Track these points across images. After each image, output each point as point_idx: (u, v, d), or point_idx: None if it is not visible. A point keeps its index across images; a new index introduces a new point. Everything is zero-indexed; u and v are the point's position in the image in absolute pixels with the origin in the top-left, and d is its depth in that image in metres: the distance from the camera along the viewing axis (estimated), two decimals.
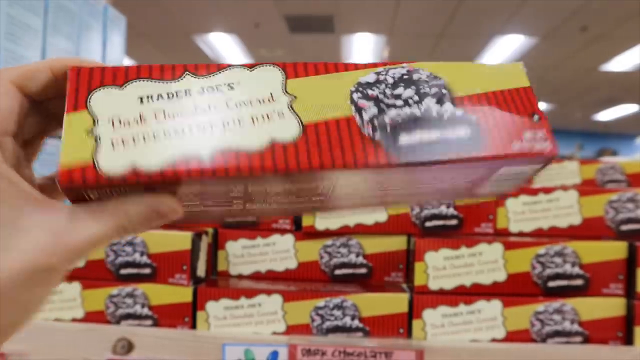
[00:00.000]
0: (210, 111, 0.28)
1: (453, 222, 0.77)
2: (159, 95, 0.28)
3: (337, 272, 0.77)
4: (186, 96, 0.29)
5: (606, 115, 7.49)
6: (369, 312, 0.70)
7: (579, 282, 0.70)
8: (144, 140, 0.27)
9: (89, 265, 0.72)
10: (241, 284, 0.73)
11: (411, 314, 0.70)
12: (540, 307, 0.69)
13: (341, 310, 0.70)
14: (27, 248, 0.25)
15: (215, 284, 0.73)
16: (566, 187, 0.78)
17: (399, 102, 0.30)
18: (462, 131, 0.30)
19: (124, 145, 0.27)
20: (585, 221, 0.77)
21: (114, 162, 0.26)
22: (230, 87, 0.29)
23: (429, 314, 0.70)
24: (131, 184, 0.27)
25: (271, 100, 0.29)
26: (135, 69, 0.29)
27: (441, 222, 0.76)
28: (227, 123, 0.28)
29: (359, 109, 0.29)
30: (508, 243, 0.71)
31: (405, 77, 0.30)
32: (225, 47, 4.83)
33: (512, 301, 0.70)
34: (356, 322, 0.70)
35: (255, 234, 0.78)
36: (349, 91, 0.29)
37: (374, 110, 0.29)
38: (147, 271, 0.71)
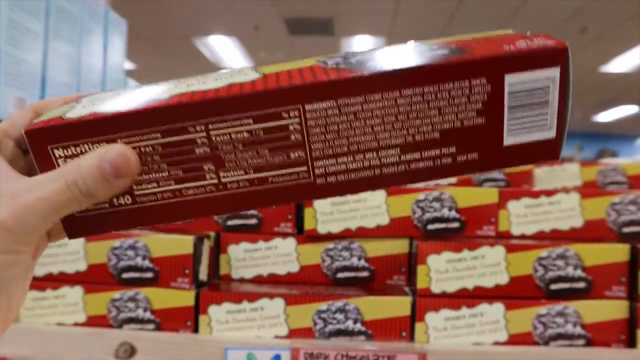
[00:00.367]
0: (169, 87, 0.31)
1: (455, 225, 0.76)
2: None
3: (339, 276, 0.77)
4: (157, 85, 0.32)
5: (606, 116, 7.49)
6: (372, 316, 0.70)
7: (582, 285, 0.70)
8: (108, 99, 0.30)
9: (91, 269, 0.72)
10: (243, 288, 0.73)
11: (414, 317, 0.70)
12: (542, 310, 0.69)
13: (343, 313, 0.70)
14: None
15: (217, 288, 0.73)
16: (568, 190, 0.78)
17: (370, 56, 0.30)
18: (442, 51, 0.28)
19: (89, 106, 0.30)
20: (587, 224, 0.77)
21: (77, 113, 0.29)
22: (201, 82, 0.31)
23: (432, 317, 0.69)
24: (91, 133, 0.28)
25: (242, 71, 0.31)
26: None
27: (443, 225, 0.76)
28: (189, 84, 0.30)
29: (324, 61, 0.30)
30: (510, 246, 0.71)
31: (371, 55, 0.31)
32: (225, 50, 4.84)
33: (515, 304, 0.70)
34: (358, 326, 0.70)
35: (257, 238, 0.78)
36: (314, 61, 0.30)
37: (338, 59, 0.30)
38: (149, 275, 0.71)
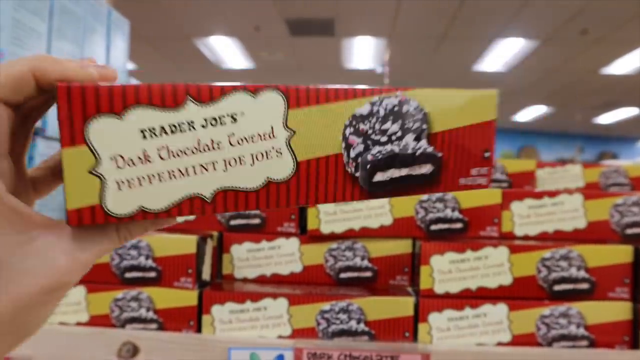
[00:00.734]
0: (213, 148, 0.29)
1: (458, 226, 0.76)
2: (162, 128, 0.28)
3: (342, 276, 0.77)
4: (189, 130, 0.28)
5: (607, 118, 7.49)
6: (375, 316, 0.70)
7: (585, 286, 0.70)
8: (150, 182, 0.28)
9: (94, 268, 0.72)
10: (246, 288, 0.73)
11: (417, 318, 0.70)
12: (546, 311, 0.69)
13: (347, 313, 0.70)
14: (43, 269, 0.26)
15: (220, 288, 0.73)
16: (571, 191, 0.78)
17: (384, 139, 0.33)
18: (426, 168, 0.34)
19: (130, 186, 0.28)
20: (590, 225, 0.77)
21: (122, 204, 0.28)
22: (233, 119, 0.29)
23: (435, 318, 0.69)
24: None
25: (272, 135, 0.30)
26: (132, 92, 0.27)
27: (446, 226, 0.76)
28: (229, 163, 0.29)
29: (348, 146, 0.32)
30: (514, 247, 0.71)
31: (395, 110, 0.33)
32: (226, 51, 4.84)
33: (518, 305, 0.70)
34: (362, 326, 0.70)
35: (260, 238, 0.78)
36: (344, 125, 0.32)
37: (360, 147, 0.32)
38: (152, 275, 0.71)
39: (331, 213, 0.76)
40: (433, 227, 0.76)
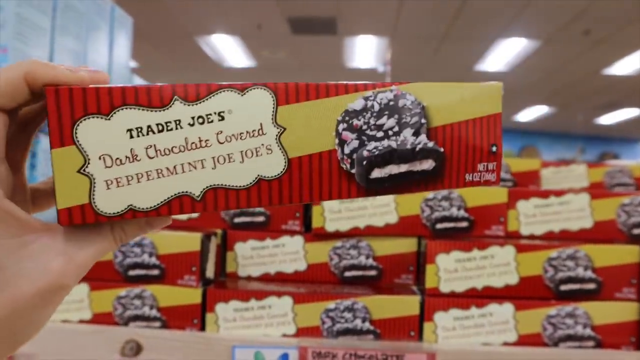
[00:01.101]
0: (201, 146, 0.29)
1: (464, 225, 0.76)
2: (149, 127, 0.28)
3: (347, 274, 0.77)
4: (177, 129, 0.28)
5: (608, 119, 7.48)
6: (380, 315, 0.69)
7: (592, 286, 0.70)
8: (138, 180, 0.28)
9: (97, 266, 0.71)
10: (250, 286, 0.73)
11: (422, 317, 0.70)
12: (552, 311, 0.69)
13: (352, 312, 0.69)
14: (39, 271, 0.26)
15: (224, 286, 0.72)
16: (577, 190, 0.77)
17: (380, 134, 0.32)
18: (427, 164, 0.33)
19: (119, 185, 0.28)
20: (596, 224, 0.77)
21: (111, 203, 0.28)
22: (220, 117, 0.29)
23: (441, 317, 0.69)
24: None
25: (261, 132, 0.30)
26: (119, 93, 0.28)
27: (452, 225, 0.76)
28: (218, 160, 0.29)
29: (342, 142, 0.31)
30: (520, 246, 0.70)
31: (391, 104, 0.32)
32: (227, 49, 4.83)
33: (524, 304, 0.69)
34: (367, 325, 0.69)
35: (264, 235, 0.78)
36: (336, 121, 0.31)
37: (355, 143, 0.31)
38: (156, 272, 0.71)
39: (336, 211, 0.75)
40: (438, 226, 0.76)
